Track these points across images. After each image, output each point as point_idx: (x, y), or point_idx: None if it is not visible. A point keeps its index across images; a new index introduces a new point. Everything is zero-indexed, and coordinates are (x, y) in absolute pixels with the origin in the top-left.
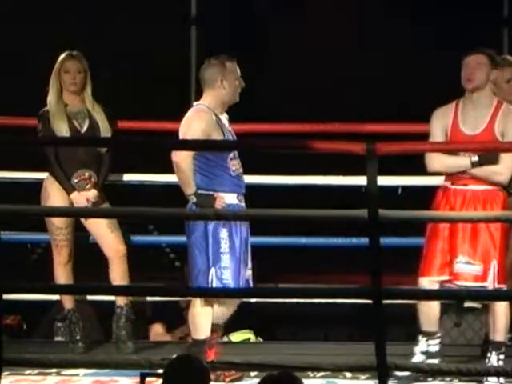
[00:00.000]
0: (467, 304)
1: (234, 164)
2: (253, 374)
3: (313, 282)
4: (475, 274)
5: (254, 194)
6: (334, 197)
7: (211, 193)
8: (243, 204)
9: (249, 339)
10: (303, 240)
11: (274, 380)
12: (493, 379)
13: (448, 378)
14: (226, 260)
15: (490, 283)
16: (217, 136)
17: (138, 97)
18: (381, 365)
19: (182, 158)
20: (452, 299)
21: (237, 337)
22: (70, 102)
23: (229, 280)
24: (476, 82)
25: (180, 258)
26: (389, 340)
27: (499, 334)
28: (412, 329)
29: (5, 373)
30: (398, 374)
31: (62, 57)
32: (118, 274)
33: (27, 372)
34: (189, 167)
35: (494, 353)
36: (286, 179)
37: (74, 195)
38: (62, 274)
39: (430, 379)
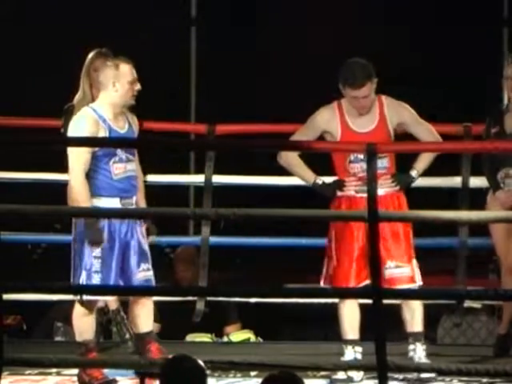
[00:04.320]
0: (467, 304)
1: (119, 168)
2: (253, 373)
3: (313, 282)
4: (407, 276)
5: (253, 194)
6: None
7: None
8: (130, 207)
9: (249, 339)
10: (303, 240)
11: (276, 380)
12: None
13: (448, 378)
14: (98, 265)
15: (419, 281)
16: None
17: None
18: (381, 365)
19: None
20: (452, 299)
21: (237, 337)
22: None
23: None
24: None
25: None
26: (389, 340)
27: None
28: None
29: (5, 373)
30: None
31: (91, 55)
32: None
33: (27, 372)
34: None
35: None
36: (286, 179)
37: None
38: None
39: (430, 379)
